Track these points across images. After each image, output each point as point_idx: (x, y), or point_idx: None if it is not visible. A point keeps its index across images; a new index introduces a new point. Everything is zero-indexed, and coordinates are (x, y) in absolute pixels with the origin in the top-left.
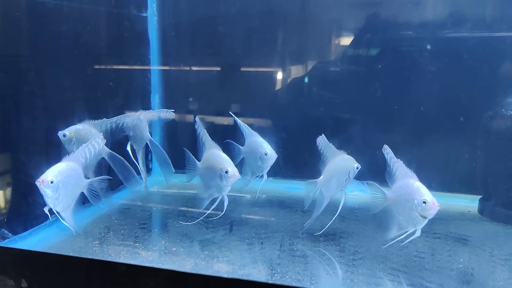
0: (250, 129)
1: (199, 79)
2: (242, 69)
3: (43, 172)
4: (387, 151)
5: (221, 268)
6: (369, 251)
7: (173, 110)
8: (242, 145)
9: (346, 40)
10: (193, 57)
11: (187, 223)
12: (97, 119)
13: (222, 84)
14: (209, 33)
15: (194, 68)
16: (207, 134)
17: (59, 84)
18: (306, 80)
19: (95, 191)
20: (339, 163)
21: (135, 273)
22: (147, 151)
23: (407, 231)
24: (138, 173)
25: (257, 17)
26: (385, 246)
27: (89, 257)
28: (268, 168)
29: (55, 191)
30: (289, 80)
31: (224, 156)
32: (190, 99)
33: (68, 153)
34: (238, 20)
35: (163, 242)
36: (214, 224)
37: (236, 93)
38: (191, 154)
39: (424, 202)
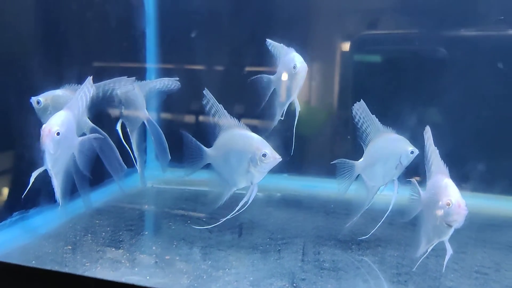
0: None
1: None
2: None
3: None
4: (428, 134)
5: (228, 284)
6: (415, 263)
7: (177, 79)
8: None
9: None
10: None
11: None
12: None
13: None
14: None
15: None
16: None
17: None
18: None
19: (86, 155)
20: (386, 144)
21: None
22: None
23: (432, 245)
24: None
25: None
26: (413, 269)
27: (55, 268)
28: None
29: (57, 146)
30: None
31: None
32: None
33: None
34: None
35: (154, 248)
36: (219, 227)
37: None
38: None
39: (448, 204)
